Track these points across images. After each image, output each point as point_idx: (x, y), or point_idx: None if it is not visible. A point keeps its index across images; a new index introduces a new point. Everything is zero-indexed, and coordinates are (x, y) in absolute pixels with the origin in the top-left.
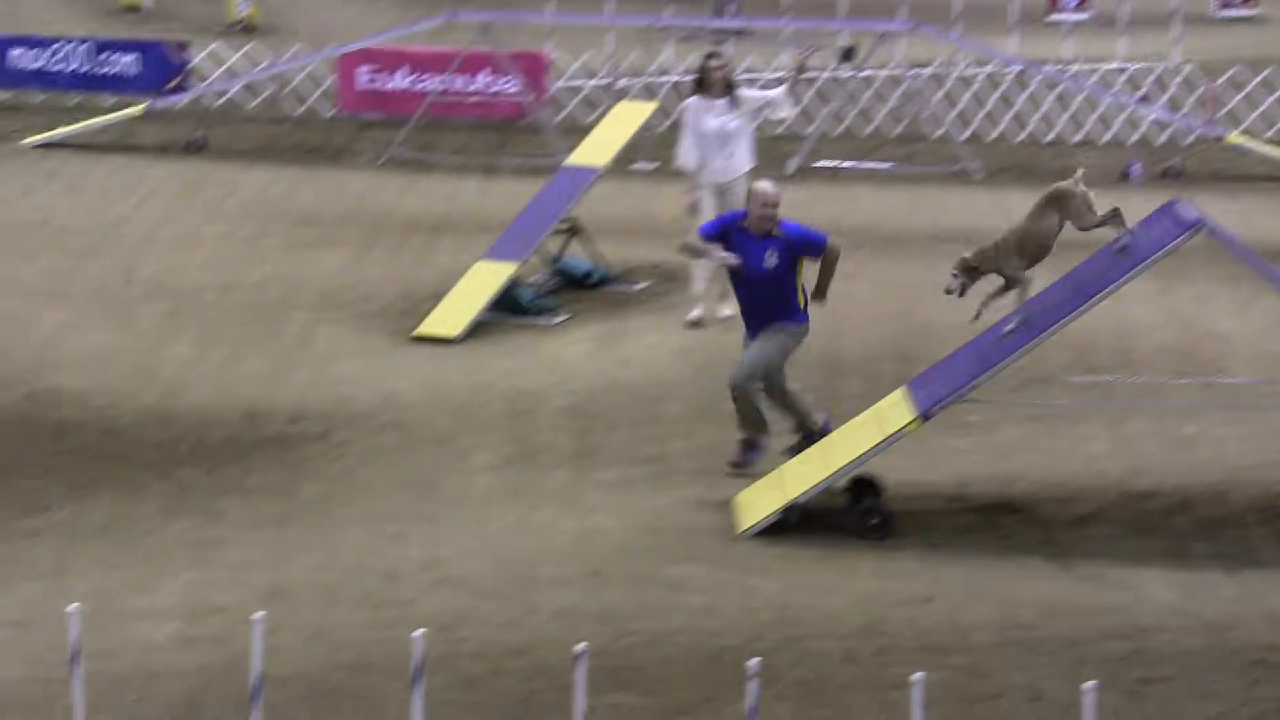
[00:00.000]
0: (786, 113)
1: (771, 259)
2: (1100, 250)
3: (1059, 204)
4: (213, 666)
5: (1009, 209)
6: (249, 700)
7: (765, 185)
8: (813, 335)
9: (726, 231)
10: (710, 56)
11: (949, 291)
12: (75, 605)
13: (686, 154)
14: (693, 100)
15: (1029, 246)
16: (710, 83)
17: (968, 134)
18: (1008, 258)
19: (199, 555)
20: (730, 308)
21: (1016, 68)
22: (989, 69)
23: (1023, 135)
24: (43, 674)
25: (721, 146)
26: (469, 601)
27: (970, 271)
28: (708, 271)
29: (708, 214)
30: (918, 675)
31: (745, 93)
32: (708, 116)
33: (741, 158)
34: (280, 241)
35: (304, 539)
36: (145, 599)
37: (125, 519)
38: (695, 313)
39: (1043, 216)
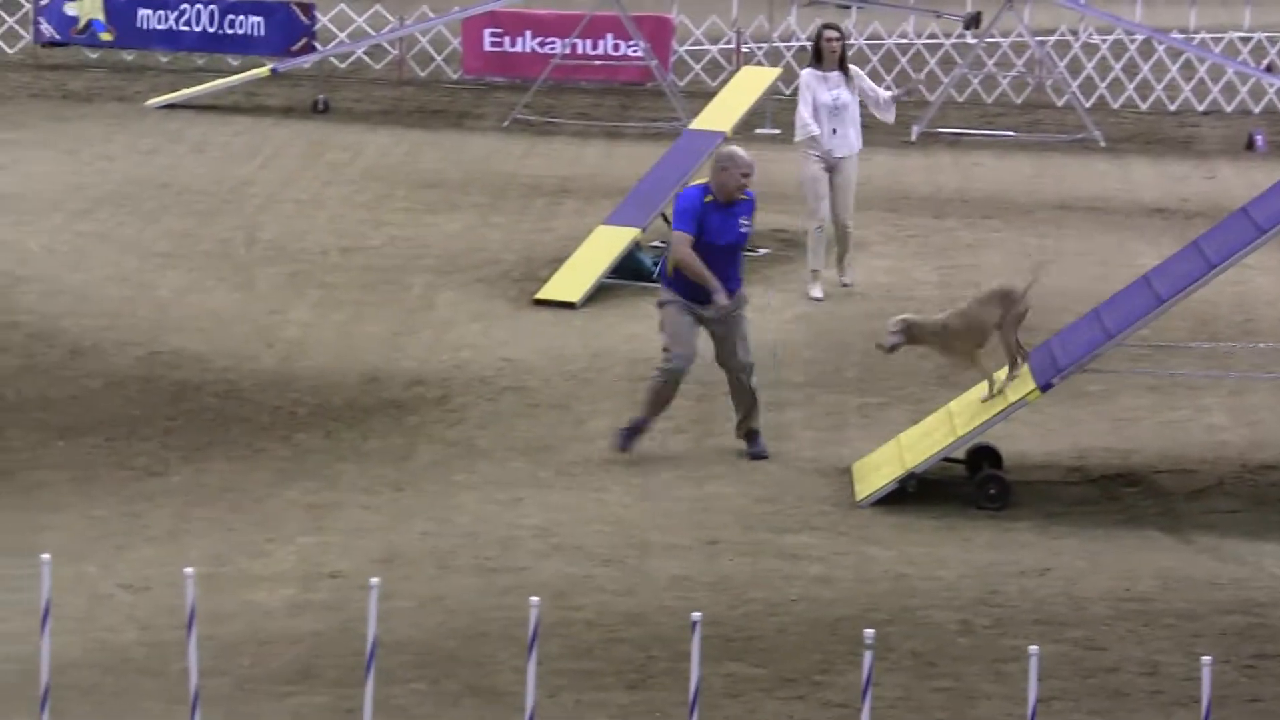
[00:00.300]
0: (887, 117)
1: (745, 225)
2: (1223, 220)
3: (1003, 301)
4: (327, 632)
5: (1132, 179)
6: (363, 666)
7: (743, 152)
8: (934, 304)
9: (702, 216)
10: (827, 28)
11: (879, 346)
12: (191, 569)
13: (805, 124)
14: (807, 72)
15: (974, 332)
16: (825, 55)
17: (1092, 102)
18: (952, 340)
19: (315, 520)
20: (850, 276)
21: (1141, 35)
22: (1114, 36)
23: (1147, 104)
24: (157, 637)
25: (832, 120)
26: (584, 569)
27: (910, 335)
28: (822, 246)
29: (818, 188)
30: (1034, 648)
31: (858, 73)
32: (821, 89)
33: (853, 135)
34: (403, 204)
35: (420, 504)
36: (261, 563)
37: (242, 482)
38: (816, 291)
39: (988, 305)
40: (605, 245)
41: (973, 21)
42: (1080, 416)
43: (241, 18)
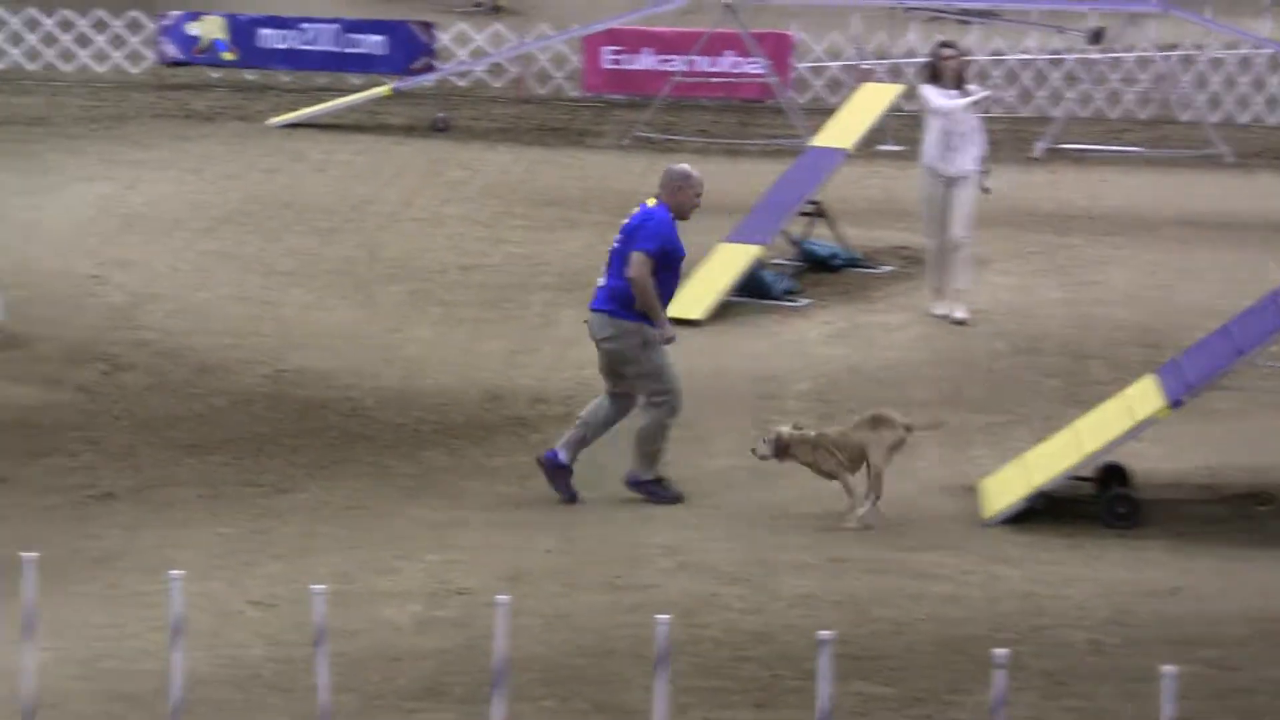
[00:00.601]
0: (957, 113)
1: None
2: None
3: (876, 425)
4: (454, 649)
5: (1261, 194)
6: (490, 683)
7: (694, 170)
8: (1058, 322)
9: (670, 236)
10: (943, 45)
11: (753, 451)
12: (319, 586)
13: (947, 109)
14: (925, 89)
15: (846, 451)
16: (943, 72)
17: (1219, 117)
18: (826, 456)
19: (441, 537)
20: (962, 311)
21: (1269, 50)
22: (1241, 51)
23: (1276, 118)
24: (286, 654)
25: (950, 138)
26: (711, 587)
27: (781, 451)
28: (941, 263)
29: (933, 206)
30: (1170, 668)
31: (975, 90)
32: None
33: (971, 154)
34: (522, 222)
35: (545, 522)
36: (388, 580)
37: (368, 500)
38: (939, 309)
39: (861, 428)
40: (727, 262)
41: (1096, 36)
42: (1211, 434)
43: (362, 37)
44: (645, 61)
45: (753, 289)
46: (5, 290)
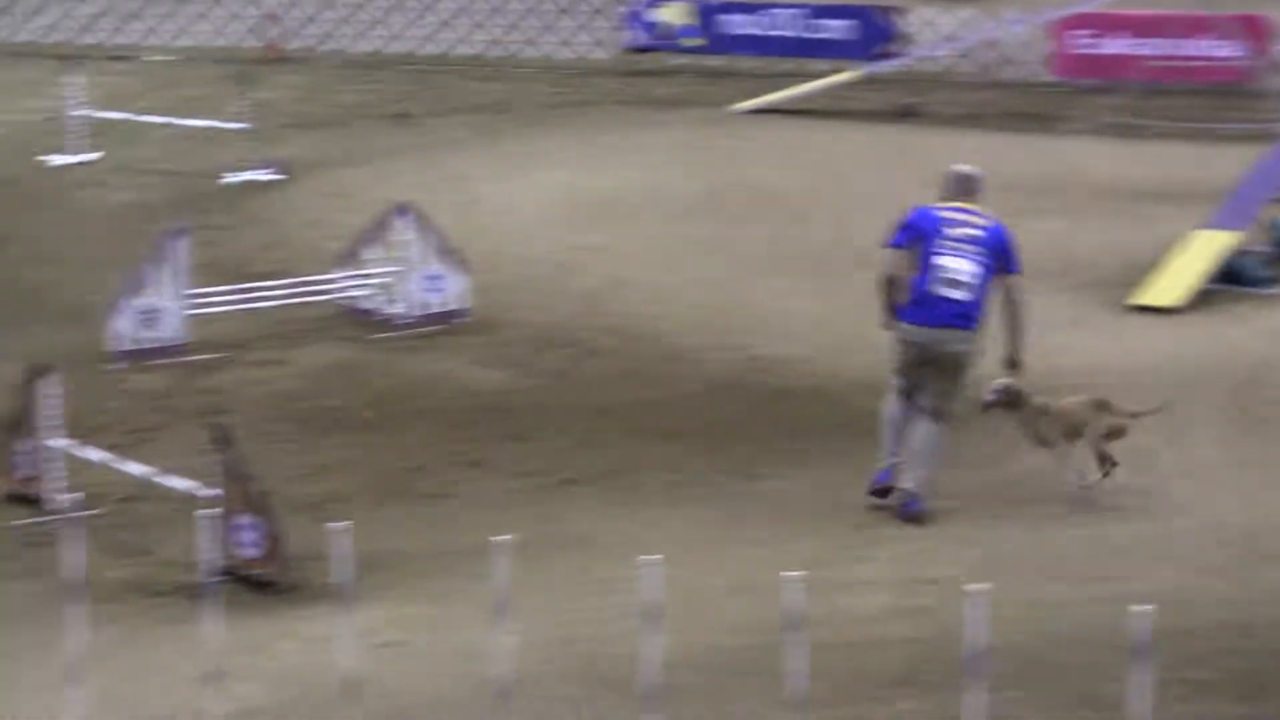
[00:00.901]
0: None
1: None
2: None
3: (1098, 408)
4: (925, 638)
5: None
6: (965, 673)
7: None
8: None
9: None
10: None
11: (982, 400)
12: (792, 572)
13: None
14: None
15: (1063, 420)
16: None
17: None
18: (1051, 425)
19: (914, 524)
20: None
21: None
22: None
23: None
24: (759, 640)
25: None
26: (1191, 579)
27: (1010, 403)
28: None
29: None
30: None
31: None
32: None
33: None
34: (989, 208)
35: (1013, 511)
36: (857, 568)
37: (839, 487)
38: None
39: (1086, 407)
40: (1203, 249)
41: None
42: None
43: (828, 22)
44: (1116, 45)
45: (1230, 276)
46: (475, 275)
